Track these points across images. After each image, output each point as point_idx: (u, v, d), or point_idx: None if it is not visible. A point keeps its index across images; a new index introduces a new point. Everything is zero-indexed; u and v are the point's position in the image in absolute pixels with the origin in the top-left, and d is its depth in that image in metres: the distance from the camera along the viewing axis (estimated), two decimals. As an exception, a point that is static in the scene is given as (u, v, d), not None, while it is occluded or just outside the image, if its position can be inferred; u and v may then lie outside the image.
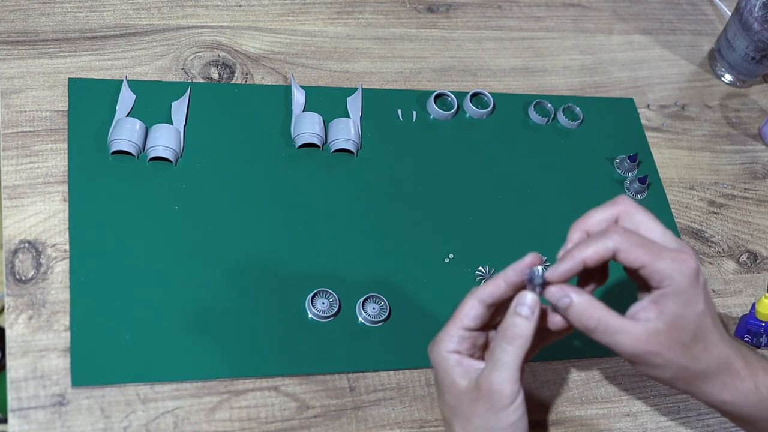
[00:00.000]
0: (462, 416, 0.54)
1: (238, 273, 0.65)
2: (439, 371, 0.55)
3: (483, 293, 0.54)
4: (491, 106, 0.79)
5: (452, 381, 0.55)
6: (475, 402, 0.53)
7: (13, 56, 0.70)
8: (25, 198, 0.64)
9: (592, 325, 0.52)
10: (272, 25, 0.79)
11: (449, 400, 0.55)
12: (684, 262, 0.51)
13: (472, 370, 0.54)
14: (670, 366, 0.52)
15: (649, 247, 0.51)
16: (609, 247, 0.51)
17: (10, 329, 0.59)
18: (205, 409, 0.60)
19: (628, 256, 0.51)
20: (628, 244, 0.51)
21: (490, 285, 0.54)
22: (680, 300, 0.51)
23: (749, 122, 0.88)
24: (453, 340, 0.55)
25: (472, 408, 0.54)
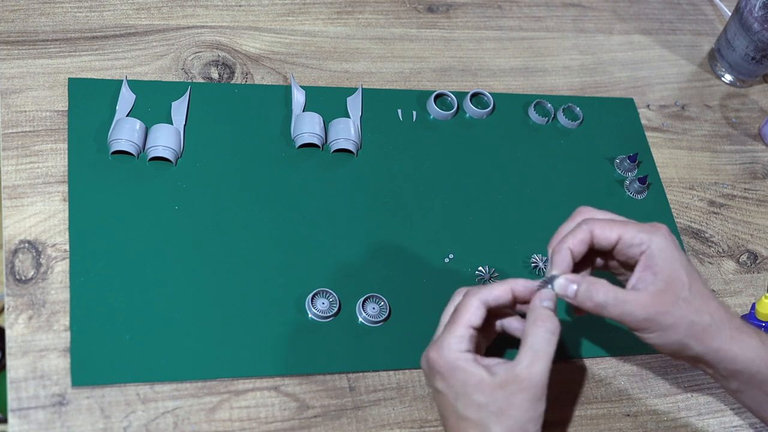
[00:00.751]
0: (498, 412, 0.53)
1: (238, 273, 0.65)
2: (459, 372, 0.54)
3: (490, 296, 0.56)
4: (491, 106, 0.79)
5: (481, 378, 0.53)
6: (515, 394, 0.53)
7: (13, 56, 0.70)
8: (25, 198, 0.64)
9: (602, 301, 0.55)
10: (272, 25, 0.79)
11: (479, 399, 0.53)
12: (654, 228, 0.56)
13: (493, 365, 0.54)
14: (680, 323, 0.55)
15: (619, 222, 0.57)
16: (585, 229, 0.57)
17: (10, 329, 0.59)
18: (205, 409, 0.60)
19: (603, 232, 0.56)
20: (601, 224, 0.57)
21: (497, 290, 0.56)
22: (665, 256, 0.55)
23: (749, 122, 0.87)
24: (464, 340, 0.55)
25: (511, 401, 0.53)
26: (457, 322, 0.55)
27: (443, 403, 0.56)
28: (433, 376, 0.56)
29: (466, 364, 0.54)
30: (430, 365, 0.56)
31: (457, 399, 0.54)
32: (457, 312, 0.56)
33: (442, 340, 0.55)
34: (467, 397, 0.54)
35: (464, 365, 0.54)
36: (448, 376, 0.54)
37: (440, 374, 0.55)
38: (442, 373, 0.55)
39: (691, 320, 0.55)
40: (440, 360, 0.55)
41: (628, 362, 0.69)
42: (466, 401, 0.54)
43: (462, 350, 0.54)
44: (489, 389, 0.53)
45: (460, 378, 0.54)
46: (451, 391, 0.55)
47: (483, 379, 0.53)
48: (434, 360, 0.55)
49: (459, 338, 0.55)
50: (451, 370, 0.54)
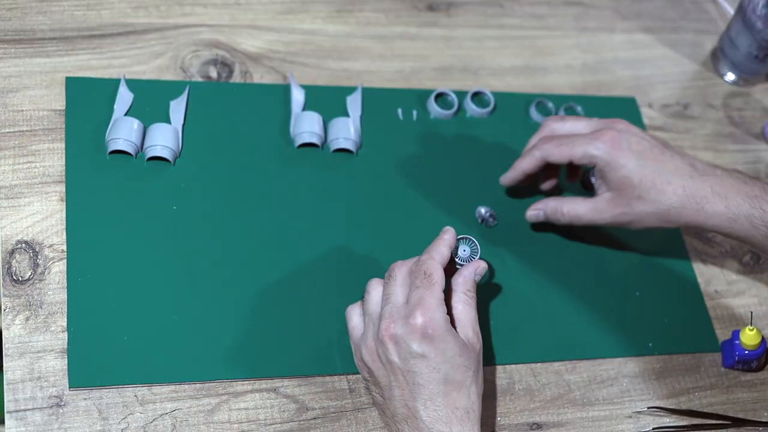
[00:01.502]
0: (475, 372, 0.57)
1: (236, 273, 0.65)
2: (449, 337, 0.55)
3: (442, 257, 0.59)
4: (492, 105, 0.78)
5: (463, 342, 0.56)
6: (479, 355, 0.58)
7: (10, 55, 0.70)
8: (22, 198, 0.64)
9: (567, 218, 0.67)
10: (271, 24, 0.78)
11: (464, 361, 0.56)
12: (599, 138, 0.64)
13: None
14: (641, 217, 0.64)
15: (568, 142, 0.65)
16: (538, 156, 0.66)
17: (7, 330, 0.59)
18: (204, 410, 0.59)
19: (554, 157, 0.65)
20: (552, 148, 0.65)
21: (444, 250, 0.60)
22: (611, 168, 0.63)
23: (752, 121, 0.87)
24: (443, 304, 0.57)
25: (479, 360, 0.58)
26: (436, 286, 0.57)
27: (424, 368, 0.55)
28: (416, 342, 0.55)
29: (449, 326, 0.56)
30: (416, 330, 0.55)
31: (447, 362, 0.55)
32: (430, 277, 0.57)
33: (430, 304, 0.55)
34: (456, 359, 0.55)
35: (451, 328, 0.56)
36: (440, 339, 0.55)
37: (430, 338, 0.55)
38: (434, 337, 0.55)
39: (650, 211, 0.63)
40: (434, 323, 0.55)
41: (630, 363, 0.69)
42: (455, 363, 0.55)
43: (446, 312, 0.56)
44: (467, 350, 0.57)
45: (451, 341, 0.55)
46: (440, 355, 0.55)
47: (463, 342, 0.57)
48: (426, 324, 0.55)
49: (441, 301, 0.56)
50: (444, 333, 0.55)
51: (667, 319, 0.72)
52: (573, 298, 0.71)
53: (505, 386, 0.66)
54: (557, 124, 0.68)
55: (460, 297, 0.59)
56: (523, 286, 0.70)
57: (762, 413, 0.69)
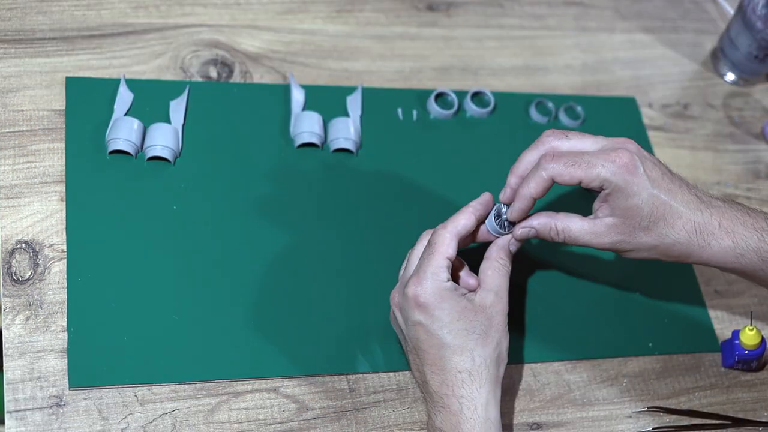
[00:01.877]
0: (482, 335, 0.57)
1: (236, 273, 0.65)
2: (445, 302, 0.56)
3: (459, 226, 0.59)
4: (492, 105, 0.78)
5: (465, 305, 0.57)
6: (495, 316, 0.58)
7: (10, 55, 0.70)
8: (22, 198, 0.64)
9: (560, 237, 0.60)
10: (271, 24, 0.78)
11: (464, 324, 0.56)
12: (615, 162, 0.57)
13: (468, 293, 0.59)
14: (640, 247, 0.59)
15: (579, 162, 0.57)
16: (545, 178, 0.58)
17: (7, 330, 0.59)
18: (204, 410, 0.59)
19: (563, 178, 0.58)
20: (560, 167, 0.58)
21: (463, 219, 0.59)
22: (622, 194, 0.57)
23: (752, 121, 0.87)
24: (444, 271, 0.57)
25: (492, 323, 0.58)
26: (435, 255, 0.57)
27: (424, 335, 0.57)
28: (412, 310, 0.57)
29: (450, 293, 0.57)
30: (409, 299, 0.57)
31: (443, 328, 0.56)
32: (432, 246, 0.58)
33: (424, 273, 0.57)
34: (453, 324, 0.56)
35: (449, 294, 0.57)
36: (434, 306, 0.56)
37: (423, 306, 0.57)
38: (426, 305, 0.56)
39: (653, 245, 0.59)
40: (423, 292, 0.56)
41: (630, 363, 0.69)
42: (453, 328, 0.56)
43: (444, 280, 0.57)
44: (472, 314, 0.57)
45: (446, 307, 0.56)
46: (436, 321, 0.57)
47: (466, 306, 0.57)
48: (416, 293, 0.57)
49: (439, 269, 0.57)
50: (438, 301, 0.56)
51: (667, 319, 0.72)
52: (573, 298, 0.71)
53: (505, 386, 0.65)
54: (559, 141, 0.60)
55: (491, 264, 0.60)
56: (522, 287, 0.70)
57: (762, 413, 0.69)
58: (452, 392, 0.56)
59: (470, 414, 0.56)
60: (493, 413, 0.57)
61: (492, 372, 0.57)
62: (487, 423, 0.56)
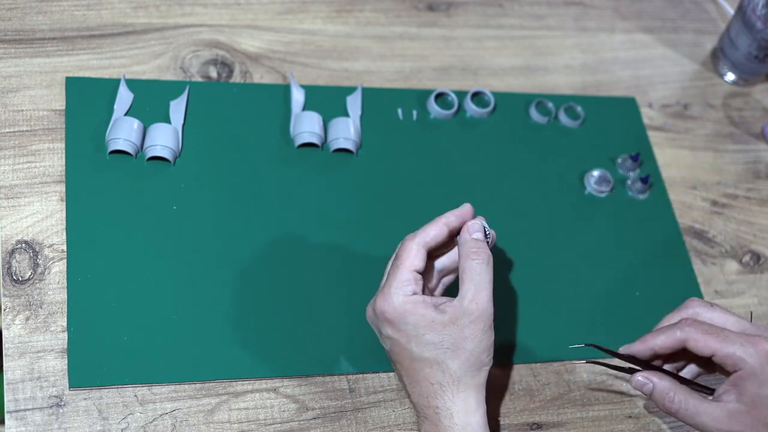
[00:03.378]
0: (452, 347, 0.55)
1: (236, 273, 0.65)
2: (410, 316, 0.55)
3: (427, 237, 0.57)
4: (492, 106, 0.78)
5: (432, 318, 0.55)
6: (467, 327, 0.55)
7: (10, 55, 0.70)
8: (22, 198, 0.64)
9: (674, 408, 0.56)
10: (271, 24, 0.78)
11: (432, 338, 0.55)
12: (755, 345, 0.55)
13: (440, 304, 0.56)
14: None
15: (718, 334, 0.56)
16: (678, 337, 0.56)
17: (7, 330, 0.59)
18: (204, 410, 0.59)
19: (697, 344, 0.56)
20: (697, 333, 0.56)
21: (433, 230, 0.57)
22: (756, 381, 0.54)
23: (752, 121, 0.87)
24: (410, 284, 0.56)
25: (463, 334, 0.55)
26: (400, 267, 0.56)
27: (396, 348, 0.57)
28: (382, 325, 0.57)
29: (415, 306, 0.55)
30: (377, 314, 0.57)
31: (410, 342, 0.56)
32: (398, 258, 0.57)
33: (389, 288, 0.56)
34: (420, 338, 0.55)
35: (413, 308, 0.55)
36: (399, 321, 0.56)
37: (390, 321, 0.56)
38: (392, 320, 0.56)
39: None
40: (389, 307, 0.56)
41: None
42: (420, 342, 0.55)
43: (408, 294, 0.56)
44: (440, 327, 0.55)
45: (411, 321, 0.55)
46: (403, 336, 0.56)
47: (434, 319, 0.55)
48: (383, 308, 0.56)
49: (404, 282, 0.56)
50: (401, 315, 0.55)
51: (667, 319, 0.72)
52: (573, 298, 0.71)
53: (505, 386, 0.66)
54: (703, 309, 0.59)
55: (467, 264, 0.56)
56: (522, 287, 0.70)
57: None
58: (427, 402, 0.56)
59: (447, 422, 0.55)
60: (474, 418, 0.56)
61: (468, 380, 0.56)
62: (467, 428, 0.55)
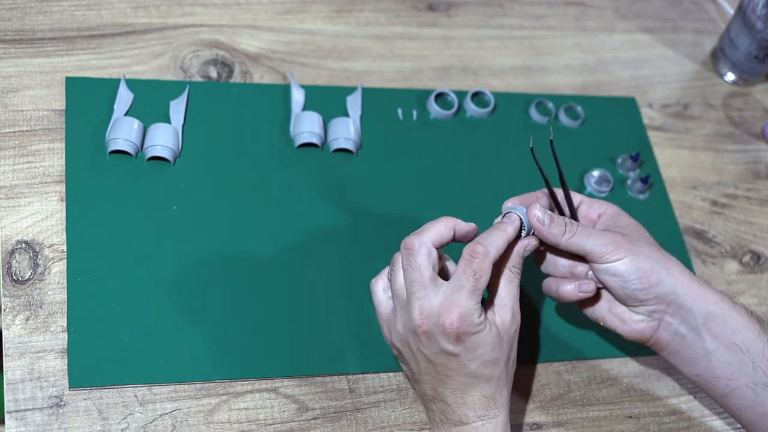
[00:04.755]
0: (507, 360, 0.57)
1: (236, 273, 0.65)
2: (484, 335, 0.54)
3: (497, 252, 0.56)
4: (492, 106, 0.78)
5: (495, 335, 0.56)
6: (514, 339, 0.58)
7: (10, 55, 0.70)
8: (22, 198, 0.64)
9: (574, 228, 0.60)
10: (271, 24, 0.78)
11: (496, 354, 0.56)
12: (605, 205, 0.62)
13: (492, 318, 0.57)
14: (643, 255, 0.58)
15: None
16: None
17: (7, 330, 0.59)
18: (204, 411, 0.59)
19: None
20: None
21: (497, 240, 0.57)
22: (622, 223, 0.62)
23: (752, 121, 0.87)
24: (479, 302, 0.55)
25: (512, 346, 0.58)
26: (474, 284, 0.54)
27: (454, 364, 0.55)
28: (446, 340, 0.54)
29: (486, 324, 0.55)
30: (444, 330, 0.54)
31: (476, 359, 0.55)
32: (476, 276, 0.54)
33: (460, 303, 0.54)
34: (487, 356, 0.55)
35: (485, 325, 0.55)
36: (472, 340, 0.54)
37: (461, 339, 0.54)
38: (464, 339, 0.54)
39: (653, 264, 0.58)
40: (465, 326, 0.54)
41: (630, 364, 0.69)
42: (486, 359, 0.55)
43: (479, 309, 0.55)
44: (500, 343, 0.56)
45: (482, 339, 0.55)
46: (470, 353, 0.55)
47: (497, 334, 0.56)
48: (456, 326, 0.54)
49: (476, 300, 0.54)
50: (476, 335, 0.54)
51: (667, 319, 0.72)
52: (573, 298, 0.71)
53: (505, 386, 0.66)
54: None
55: (505, 274, 0.57)
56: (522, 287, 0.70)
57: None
58: (474, 413, 0.56)
59: None
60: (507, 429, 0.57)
61: (509, 390, 0.58)
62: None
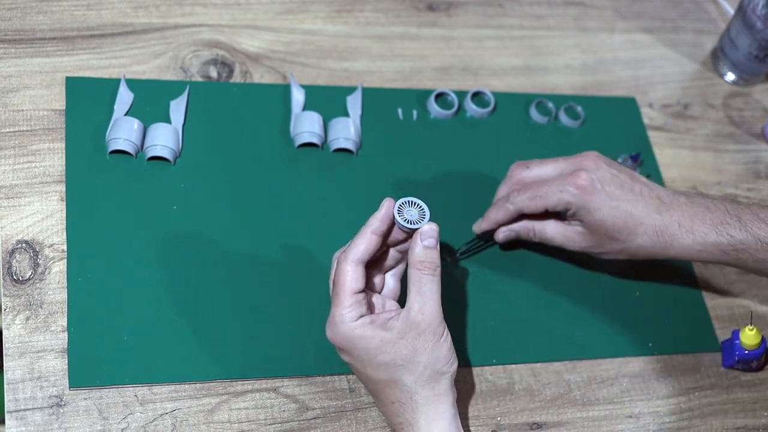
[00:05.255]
0: (405, 363, 0.55)
1: (236, 273, 0.65)
2: (358, 342, 0.55)
3: (357, 253, 0.55)
4: (492, 106, 0.78)
5: (381, 338, 0.55)
6: (417, 339, 0.55)
7: (10, 55, 0.70)
8: (23, 198, 0.64)
9: (537, 239, 0.67)
10: (271, 24, 0.78)
11: (384, 358, 0.55)
12: (571, 183, 0.63)
13: (388, 321, 0.56)
14: (610, 252, 0.65)
15: (541, 193, 0.64)
16: (512, 210, 0.65)
17: (8, 330, 0.59)
18: (204, 410, 0.59)
19: (531, 210, 0.64)
20: (525, 201, 0.64)
21: (362, 243, 0.56)
22: (585, 211, 0.63)
23: (752, 121, 0.87)
24: (354, 308, 0.55)
25: (415, 347, 0.55)
26: (340, 294, 0.55)
27: (356, 371, 0.58)
28: (338, 351, 0.57)
29: (363, 331, 0.55)
30: (331, 342, 0.57)
31: (365, 366, 0.56)
32: (336, 283, 0.56)
33: (333, 317, 0.55)
34: (373, 361, 0.55)
35: (361, 333, 0.55)
36: (350, 348, 0.56)
37: (342, 349, 0.56)
38: (344, 348, 0.56)
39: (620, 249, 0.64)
40: (337, 336, 0.55)
41: (629, 364, 0.69)
42: (373, 364, 0.55)
43: (354, 319, 0.55)
44: (390, 345, 0.55)
45: (361, 346, 0.55)
46: (357, 361, 0.56)
47: (383, 339, 0.55)
48: (332, 338, 0.56)
49: (348, 308, 0.55)
50: (350, 342, 0.55)
51: (667, 319, 0.72)
52: (573, 298, 0.71)
53: (505, 386, 0.66)
54: (523, 172, 0.66)
55: (412, 273, 0.56)
56: (523, 286, 0.70)
57: (762, 413, 0.69)
58: (392, 420, 0.57)
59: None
60: (437, 427, 0.56)
61: (427, 393, 0.56)
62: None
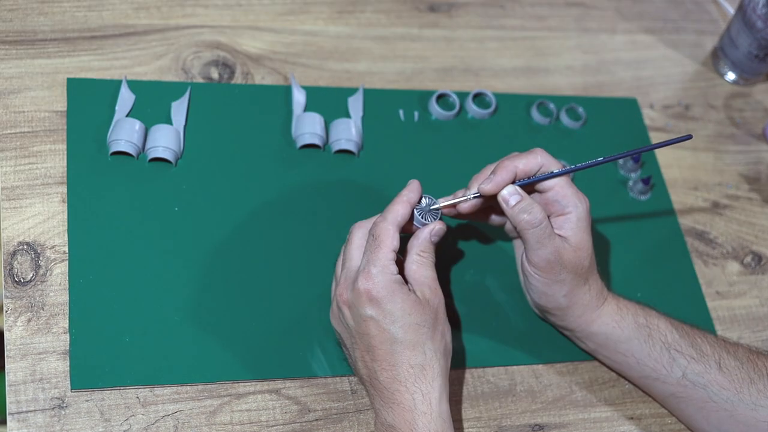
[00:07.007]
0: (432, 328, 0.57)
1: (238, 275, 0.65)
2: (397, 295, 0.56)
3: (398, 216, 0.58)
4: (493, 107, 0.78)
5: (415, 300, 0.56)
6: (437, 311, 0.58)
7: (12, 56, 0.69)
8: (24, 199, 0.64)
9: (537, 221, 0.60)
10: (273, 25, 0.78)
11: (416, 319, 0.56)
12: (583, 197, 0.61)
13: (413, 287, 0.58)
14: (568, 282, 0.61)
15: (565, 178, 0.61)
16: (537, 161, 0.60)
17: (9, 332, 0.59)
18: (206, 412, 0.59)
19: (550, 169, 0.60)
20: (551, 162, 0.61)
21: (401, 209, 0.59)
22: (581, 225, 0.61)
23: (753, 122, 0.87)
24: (393, 264, 0.56)
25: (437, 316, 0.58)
26: (382, 248, 0.57)
27: (374, 331, 0.56)
28: (364, 306, 0.56)
29: (401, 287, 0.56)
30: (361, 294, 0.56)
31: (395, 323, 0.56)
32: (377, 239, 0.57)
33: (373, 268, 0.56)
34: (406, 318, 0.56)
35: (399, 288, 0.56)
36: (386, 301, 0.56)
37: (376, 301, 0.56)
38: (379, 299, 0.56)
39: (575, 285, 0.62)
40: (376, 286, 0.56)
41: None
42: (405, 323, 0.56)
43: (394, 273, 0.56)
44: (421, 308, 0.56)
45: (398, 301, 0.56)
46: (388, 316, 0.56)
47: (416, 300, 0.56)
48: (368, 288, 0.56)
49: (389, 262, 0.56)
50: (390, 295, 0.56)
51: (668, 320, 0.72)
52: (574, 299, 0.71)
53: (507, 387, 0.66)
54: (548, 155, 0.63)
55: (414, 258, 0.59)
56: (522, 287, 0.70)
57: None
58: (405, 387, 0.56)
59: (425, 408, 0.55)
60: (445, 407, 0.56)
61: (442, 364, 0.57)
62: (441, 417, 0.56)
